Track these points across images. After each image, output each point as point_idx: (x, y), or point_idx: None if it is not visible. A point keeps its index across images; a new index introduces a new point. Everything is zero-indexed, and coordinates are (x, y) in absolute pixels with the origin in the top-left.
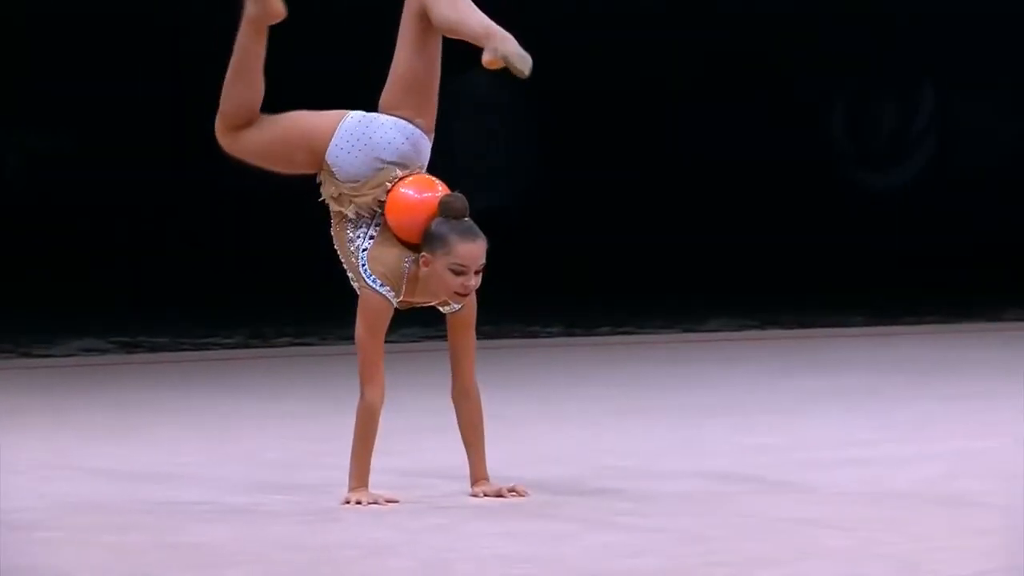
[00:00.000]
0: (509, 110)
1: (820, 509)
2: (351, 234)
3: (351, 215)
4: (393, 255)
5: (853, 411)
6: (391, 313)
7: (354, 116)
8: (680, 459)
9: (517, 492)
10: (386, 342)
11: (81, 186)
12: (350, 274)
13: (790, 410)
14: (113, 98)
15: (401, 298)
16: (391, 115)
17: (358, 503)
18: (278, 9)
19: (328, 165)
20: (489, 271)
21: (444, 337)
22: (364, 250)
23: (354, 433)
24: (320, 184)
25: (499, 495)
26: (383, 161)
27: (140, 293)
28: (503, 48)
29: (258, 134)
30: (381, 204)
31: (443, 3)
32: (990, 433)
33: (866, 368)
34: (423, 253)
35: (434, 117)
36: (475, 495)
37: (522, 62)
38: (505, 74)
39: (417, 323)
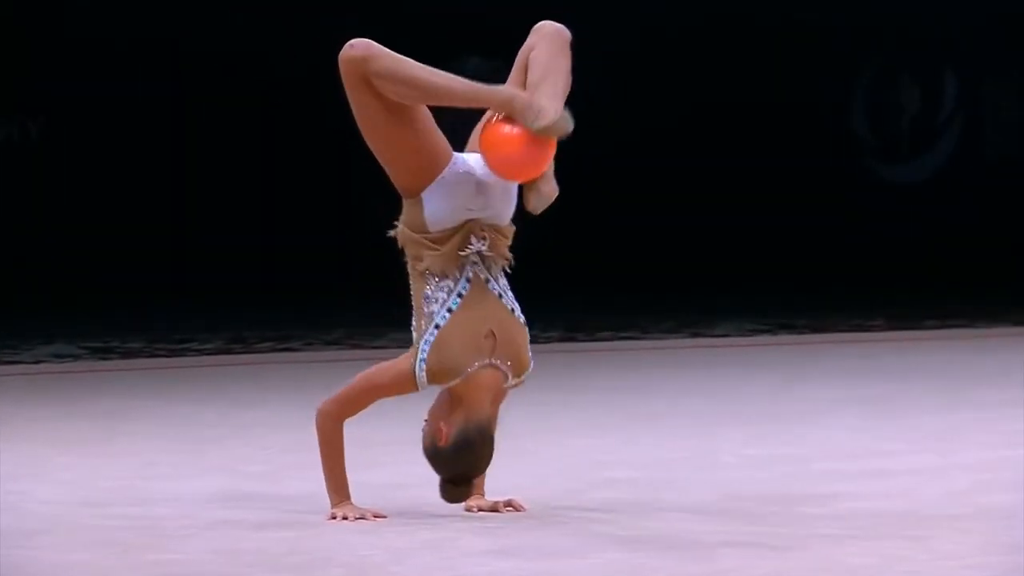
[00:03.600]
0: None
1: (840, 524)
2: (429, 290)
3: (422, 269)
4: (456, 357)
5: (874, 420)
6: (408, 392)
7: (455, 156)
8: (689, 471)
9: (514, 506)
10: (373, 347)
11: (49, 186)
12: (413, 322)
13: (806, 419)
14: (80, 90)
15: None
16: (476, 155)
17: (344, 518)
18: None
19: (423, 202)
20: None
21: None
22: (436, 326)
23: (319, 448)
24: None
25: (494, 510)
26: (470, 210)
27: (112, 295)
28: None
29: (395, 105)
30: (456, 269)
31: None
32: (1020, 442)
33: (887, 375)
34: (442, 424)
35: None
36: (469, 509)
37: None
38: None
39: (407, 328)
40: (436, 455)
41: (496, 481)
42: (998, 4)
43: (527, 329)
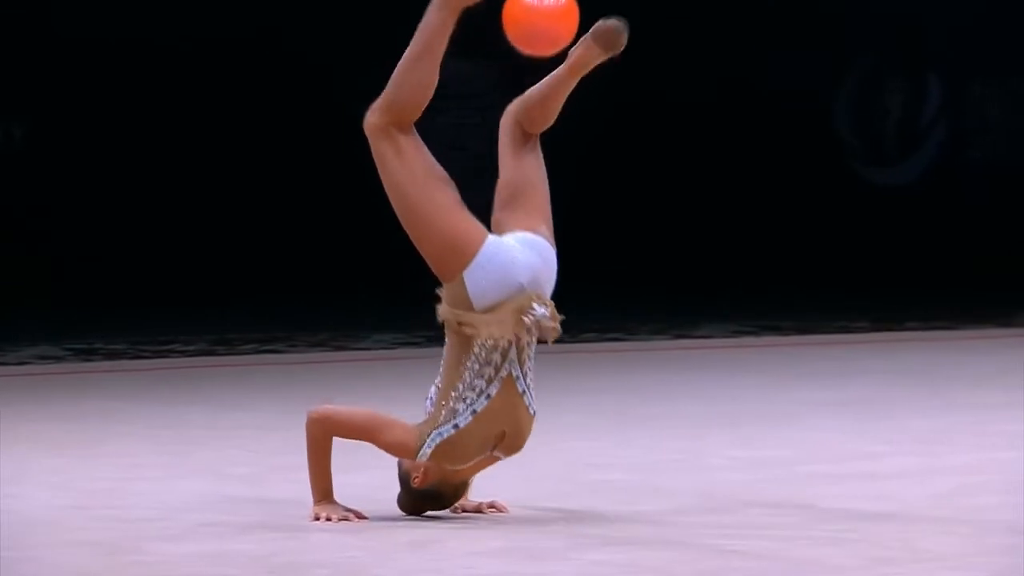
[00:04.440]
0: (489, 101)
1: (825, 526)
2: (462, 385)
3: (485, 339)
4: (464, 455)
5: (859, 422)
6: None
7: (490, 235)
8: (674, 473)
9: (497, 508)
10: (359, 348)
11: (30, 185)
12: (433, 387)
13: (791, 422)
14: (64, 93)
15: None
16: (512, 233)
17: (328, 519)
18: None
19: (465, 282)
20: None
21: (418, 344)
22: (456, 426)
23: (307, 449)
24: (439, 300)
25: (478, 511)
26: (520, 283)
27: (96, 296)
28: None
29: (413, 155)
30: (517, 336)
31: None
32: (1005, 445)
33: (872, 377)
34: (423, 468)
35: (551, 226)
36: (454, 510)
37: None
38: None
39: (391, 330)
40: (407, 487)
41: (483, 482)
42: (982, 6)
43: (535, 417)
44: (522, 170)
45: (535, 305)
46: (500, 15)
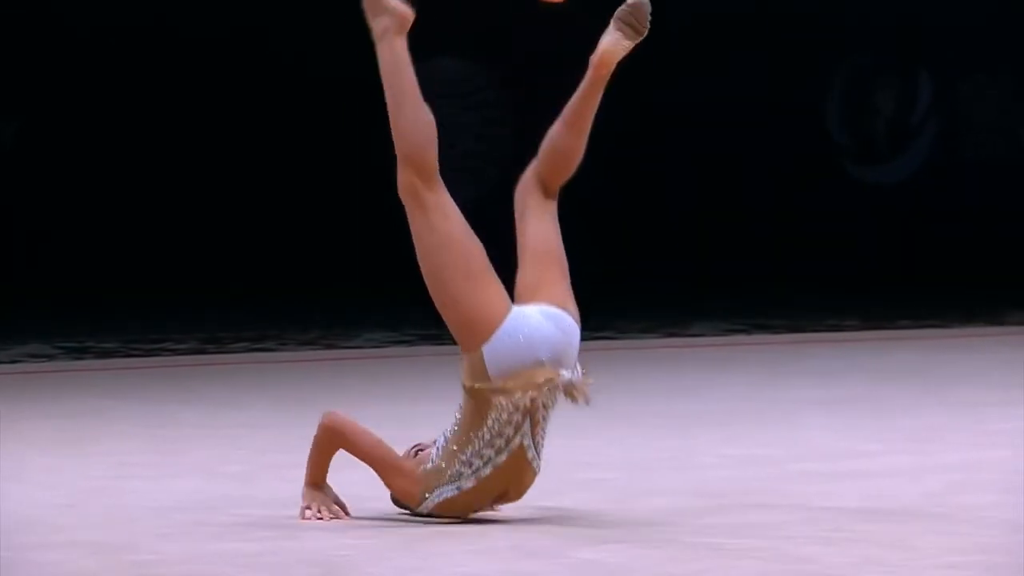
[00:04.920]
0: (481, 98)
1: (816, 525)
2: (471, 449)
3: (499, 413)
4: (465, 512)
5: (850, 421)
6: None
7: (513, 308)
8: (666, 471)
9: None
10: (350, 347)
11: (22, 183)
12: (443, 437)
13: (783, 420)
14: (55, 90)
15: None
16: (536, 305)
17: (319, 516)
18: (405, 11)
19: (484, 356)
20: None
21: (409, 343)
22: (458, 487)
23: (312, 446)
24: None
25: None
26: (539, 359)
27: (88, 295)
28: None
29: (440, 219)
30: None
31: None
32: (995, 443)
33: (863, 375)
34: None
35: (573, 297)
36: None
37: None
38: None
39: (382, 328)
40: (401, 502)
41: None
42: (975, 4)
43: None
44: (544, 240)
45: (563, 372)
46: (496, 10)
